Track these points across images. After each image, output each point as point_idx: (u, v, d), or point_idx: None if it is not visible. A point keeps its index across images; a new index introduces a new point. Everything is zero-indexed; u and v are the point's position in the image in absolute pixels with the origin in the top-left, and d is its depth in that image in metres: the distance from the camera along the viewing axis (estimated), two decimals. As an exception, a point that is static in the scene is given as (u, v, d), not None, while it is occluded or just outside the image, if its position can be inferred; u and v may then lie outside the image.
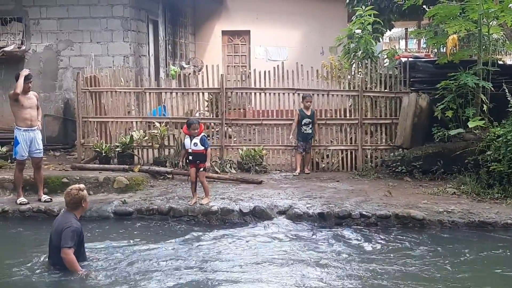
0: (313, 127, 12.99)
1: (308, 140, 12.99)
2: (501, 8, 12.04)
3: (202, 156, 10.51)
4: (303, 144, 12.96)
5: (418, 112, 12.67)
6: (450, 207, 10.07)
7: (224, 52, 21.82)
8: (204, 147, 10.48)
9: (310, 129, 12.96)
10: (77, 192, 7.61)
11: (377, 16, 14.81)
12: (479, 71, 12.16)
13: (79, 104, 13.60)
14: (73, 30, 15.41)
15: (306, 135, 12.97)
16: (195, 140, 10.47)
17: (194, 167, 10.60)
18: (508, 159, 10.61)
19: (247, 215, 10.19)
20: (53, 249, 7.60)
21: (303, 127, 12.94)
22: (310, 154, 13.15)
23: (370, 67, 13.37)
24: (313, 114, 12.99)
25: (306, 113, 12.94)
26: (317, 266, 7.99)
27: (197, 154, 10.50)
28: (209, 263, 8.11)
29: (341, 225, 9.80)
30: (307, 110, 12.94)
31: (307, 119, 12.93)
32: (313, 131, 13.04)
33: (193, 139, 10.48)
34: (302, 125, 12.95)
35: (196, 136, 10.48)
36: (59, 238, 7.39)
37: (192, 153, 10.51)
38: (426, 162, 12.18)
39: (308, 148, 13.04)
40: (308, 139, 12.99)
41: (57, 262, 7.52)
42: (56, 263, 7.56)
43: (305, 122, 12.94)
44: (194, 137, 10.48)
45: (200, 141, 10.46)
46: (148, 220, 10.27)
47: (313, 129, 13.00)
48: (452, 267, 7.91)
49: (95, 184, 11.71)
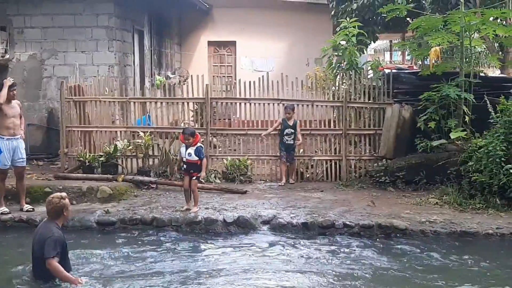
0: (295, 137, 12.97)
1: (290, 151, 12.98)
2: (482, 21, 12.17)
3: (195, 166, 10.65)
4: (286, 154, 12.98)
5: (401, 123, 12.77)
6: (432, 217, 10.14)
7: (210, 62, 21.86)
8: (199, 158, 10.59)
9: (292, 139, 12.94)
10: (59, 200, 7.49)
11: (361, 28, 14.90)
12: (461, 83, 12.28)
13: (63, 114, 13.56)
14: (58, 39, 15.37)
15: (288, 146, 12.97)
16: (190, 150, 10.61)
17: (187, 175, 10.72)
18: (489, 170, 10.71)
19: (231, 225, 10.19)
20: (36, 261, 7.44)
21: (285, 137, 12.95)
22: (294, 165, 13.17)
23: (354, 78, 13.46)
24: (295, 124, 12.99)
25: (288, 123, 12.95)
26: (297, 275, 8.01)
27: (191, 163, 10.68)
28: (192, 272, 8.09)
29: (325, 235, 9.83)
30: (289, 120, 12.96)
31: (289, 129, 12.93)
32: (294, 142, 13.01)
33: (188, 148, 10.62)
34: (284, 135, 12.96)
35: (191, 146, 10.60)
36: (42, 249, 7.25)
37: (186, 162, 10.68)
38: (409, 173, 12.26)
39: (290, 159, 13.04)
40: (290, 150, 12.98)
41: (41, 274, 7.39)
42: (40, 275, 7.42)
43: (287, 132, 12.95)
44: (189, 147, 10.62)
45: (195, 151, 10.59)
46: (131, 230, 10.22)
47: (294, 139, 12.99)
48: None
49: (78, 193, 11.66)
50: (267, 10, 21.14)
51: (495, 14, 12.53)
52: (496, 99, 11.92)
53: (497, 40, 14.75)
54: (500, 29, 12.73)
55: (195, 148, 10.60)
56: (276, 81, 13.51)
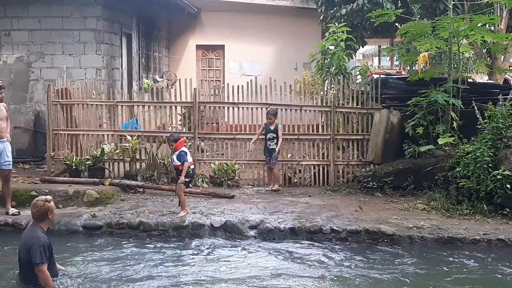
0: (277, 142, 12.79)
1: (272, 155, 12.88)
2: (471, 27, 12.23)
3: (178, 171, 10.75)
4: (268, 159, 12.92)
5: (389, 128, 12.78)
6: (420, 223, 10.14)
7: (198, 66, 21.82)
8: (181, 163, 10.64)
9: (275, 144, 12.81)
10: (43, 203, 7.43)
11: (350, 33, 14.92)
12: (449, 89, 12.31)
13: (50, 117, 13.48)
14: (45, 41, 15.29)
15: (270, 150, 12.86)
16: (173, 155, 10.80)
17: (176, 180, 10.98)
18: (477, 176, 10.73)
19: (218, 230, 10.15)
20: (22, 265, 7.41)
21: (268, 142, 12.87)
22: (274, 170, 12.95)
23: (342, 83, 13.46)
24: (277, 128, 12.83)
25: (269, 128, 12.85)
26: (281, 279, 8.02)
27: (175, 168, 10.91)
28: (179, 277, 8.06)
29: (312, 240, 9.81)
30: (271, 125, 12.87)
31: (271, 133, 12.81)
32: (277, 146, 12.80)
33: (173, 154, 10.82)
34: (266, 140, 12.91)
35: (174, 152, 10.76)
36: (28, 254, 7.21)
37: (174, 167, 10.98)
38: (397, 178, 12.26)
39: (272, 163, 12.82)
40: (272, 154, 12.85)
41: (27, 278, 7.36)
42: (26, 279, 7.38)
43: (269, 137, 12.85)
44: (173, 153, 10.82)
45: (177, 156, 10.69)
46: (118, 234, 10.17)
47: (277, 144, 12.78)
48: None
49: (65, 197, 11.58)
50: (256, 14, 21.14)
51: (483, 20, 12.59)
52: (484, 105, 11.94)
53: (485, 46, 14.81)
54: (488, 35, 12.79)
55: (177, 153, 10.69)
56: (264, 85, 13.48)
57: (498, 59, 16.66)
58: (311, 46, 16.59)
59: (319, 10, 18.11)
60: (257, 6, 20.87)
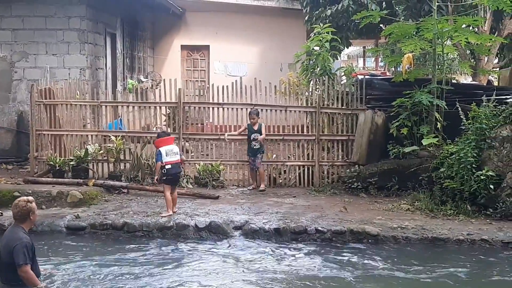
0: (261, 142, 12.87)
1: (257, 154, 12.87)
2: (455, 28, 12.28)
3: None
4: (252, 160, 12.94)
5: (374, 129, 12.81)
6: (404, 223, 10.17)
7: (183, 66, 21.75)
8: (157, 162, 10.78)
9: (259, 144, 12.89)
10: (25, 204, 7.35)
11: (335, 34, 14.92)
12: (434, 90, 12.35)
13: (33, 117, 13.38)
14: (29, 41, 15.20)
15: (254, 150, 12.90)
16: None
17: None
18: (461, 176, 10.78)
19: (202, 231, 10.12)
20: (4, 267, 7.27)
21: (252, 142, 12.89)
22: (260, 170, 13.01)
23: (327, 84, 13.47)
24: (260, 128, 12.87)
25: (253, 128, 12.89)
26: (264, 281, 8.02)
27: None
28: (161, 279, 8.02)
29: (297, 240, 9.81)
30: (253, 125, 12.89)
31: (254, 134, 12.85)
32: (261, 146, 12.90)
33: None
34: (251, 140, 12.92)
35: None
36: (10, 255, 7.11)
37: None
38: (381, 179, 12.30)
39: (257, 163, 12.89)
40: (256, 154, 12.88)
41: (9, 279, 7.25)
42: (8, 281, 7.28)
43: (253, 137, 12.87)
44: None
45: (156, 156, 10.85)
46: (101, 235, 10.12)
47: (261, 143, 12.86)
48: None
49: (48, 198, 11.52)
50: (241, 15, 21.10)
51: (467, 21, 12.65)
52: (467, 106, 12.01)
53: (469, 47, 14.87)
54: (472, 37, 12.85)
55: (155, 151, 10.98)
56: (249, 86, 13.47)
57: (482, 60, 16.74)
58: (296, 47, 16.59)
59: (304, 10, 18.11)
60: (242, 6, 20.83)
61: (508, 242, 9.47)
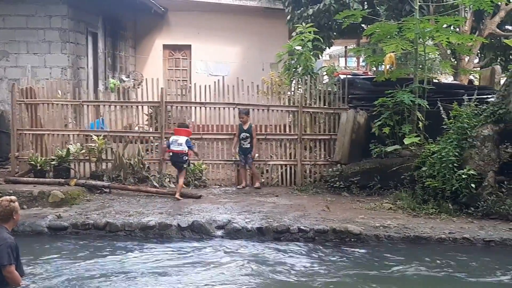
0: (251, 141, 12.99)
1: (248, 154, 12.99)
2: (436, 28, 12.37)
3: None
4: (243, 158, 12.98)
5: (356, 128, 12.85)
6: (386, 222, 10.22)
7: (165, 66, 21.69)
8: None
9: (249, 143, 12.98)
10: (8, 203, 7.30)
11: (317, 33, 14.98)
12: (415, 89, 12.42)
13: (14, 116, 13.27)
14: (9, 40, 15.10)
15: (244, 150, 13.01)
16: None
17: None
18: (442, 175, 10.84)
19: (185, 230, 10.09)
20: (-12, 267, 7.29)
21: (242, 142, 13.00)
22: (253, 169, 13.15)
23: (309, 83, 13.50)
24: (250, 128, 13.01)
25: (243, 128, 13.01)
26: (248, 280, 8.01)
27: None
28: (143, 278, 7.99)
29: (280, 240, 9.81)
30: (244, 124, 13.00)
31: (244, 133, 12.98)
32: (251, 145, 13.02)
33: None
34: (240, 139, 12.99)
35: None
36: (-6, 255, 7.11)
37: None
38: (364, 178, 12.35)
39: (249, 163, 13.05)
40: (247, 153, 12.99)
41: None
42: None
43: (243, 136, 12.99)
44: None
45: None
46: (83, 235, 10.06)
47: (251, 143, 13.00)
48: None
49: (29, 198, 11.43)
50: (223, 15, 21.09)
51: (448, 21, 12.74)
52: (449, 105, 12.10)
53: (450, 47, 15.00)
54: (453, 37, 12.95)
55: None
56: (231, 85, 13.47)
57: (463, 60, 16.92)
58: (278, 46, 16.62)
59: (286, 10, 18.15)
60: (224, 6, 20.81)
61: (490, 240, 9.55)
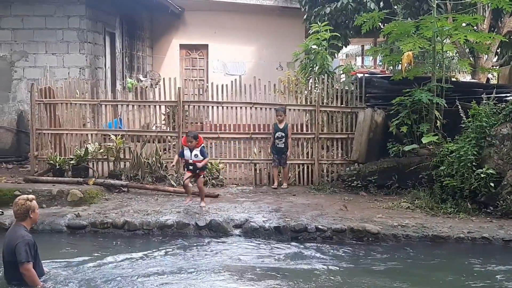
0: (286, 141, 12.96)
1: (282, 154, 12.96)
2: (454, 27, 12.30)
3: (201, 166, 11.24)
4: (277, 158, 12.98)
5: (373, 127, 12.82)
6: (404, 221, 10.19)
7: (181, 65, 21.75)
8: (204, 158, 11.25)
9: (283, 143, 12.95)
10: (24, 202, 7.38)
11: (333, 32, 14.94)
12: (433, 88, 12.36)
13: (33, 116, 13.38)
14: (28, 41, 15.20)
15: (279, 149, 12.98)
16: (195, 151, 11.13)
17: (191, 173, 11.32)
18: (461, 174, 10.78)
19: (203, 229, 10.13)
20: (7, 265, 7.33)
21: (276, 141, 12.98)
22: (286, 169, 13.13)
23: (326, 82, 13.47)
24: (286, 127, 12.97)
25: (278, 127, 13.00)
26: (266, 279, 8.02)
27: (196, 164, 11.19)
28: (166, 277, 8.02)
29: (297, 239, 9.82)
30: (279, 123, 12.98)
31: (279, 132, 12.96)
32: (286, 145, 12.99)
33: (193, 150, 11.14)
34: (275, 138, 12.99)
35: (195, 148, 11.10)
36: (12, 254, 7.16)
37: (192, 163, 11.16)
38: (381, 177, 12.31)
39: (283, 163, 13.02)
40: (281, 154, 12.96)
41: (12, 278, 7.28)
42: (11, 279, 7.31)
43: (277, 136, 12.97)
44: (193, 149, 11.13)
45: (200, 152, 11.17)
46: (102, 234, 10.14)
47: (286, 143, 12.97)
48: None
49: (49, 197, 11.51)
50: (240, 14, 21.12)
51: (466, 19, 12.65)
52: (467, 104, 12.02)
53: (468, 46, 14.90)
54: (471, 35, 12.86)
55: (199, 149, 11.10)
56: (248, 84, 13.48)
57: (481, 59, 16.78)
58: (295, 46, 16.62)
59: (303, 9, 18.13)
60: (240, 5, 20.83)
61: (509, 240, 9.51)
